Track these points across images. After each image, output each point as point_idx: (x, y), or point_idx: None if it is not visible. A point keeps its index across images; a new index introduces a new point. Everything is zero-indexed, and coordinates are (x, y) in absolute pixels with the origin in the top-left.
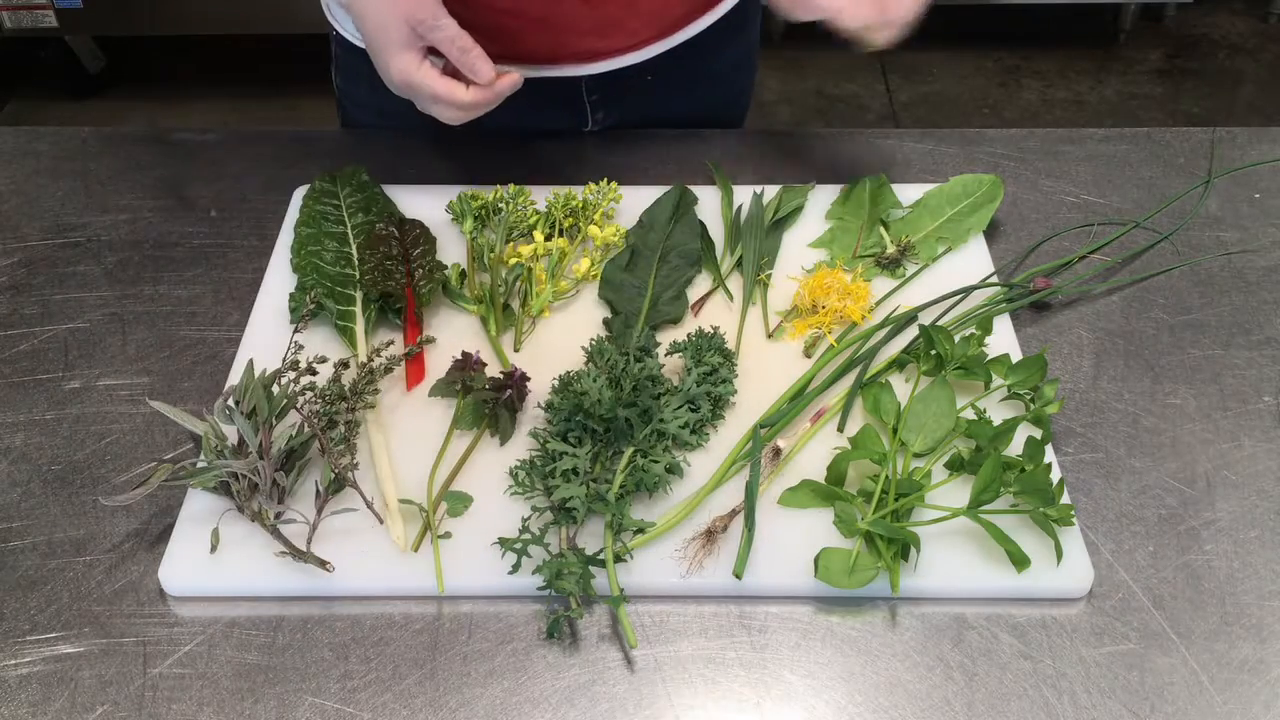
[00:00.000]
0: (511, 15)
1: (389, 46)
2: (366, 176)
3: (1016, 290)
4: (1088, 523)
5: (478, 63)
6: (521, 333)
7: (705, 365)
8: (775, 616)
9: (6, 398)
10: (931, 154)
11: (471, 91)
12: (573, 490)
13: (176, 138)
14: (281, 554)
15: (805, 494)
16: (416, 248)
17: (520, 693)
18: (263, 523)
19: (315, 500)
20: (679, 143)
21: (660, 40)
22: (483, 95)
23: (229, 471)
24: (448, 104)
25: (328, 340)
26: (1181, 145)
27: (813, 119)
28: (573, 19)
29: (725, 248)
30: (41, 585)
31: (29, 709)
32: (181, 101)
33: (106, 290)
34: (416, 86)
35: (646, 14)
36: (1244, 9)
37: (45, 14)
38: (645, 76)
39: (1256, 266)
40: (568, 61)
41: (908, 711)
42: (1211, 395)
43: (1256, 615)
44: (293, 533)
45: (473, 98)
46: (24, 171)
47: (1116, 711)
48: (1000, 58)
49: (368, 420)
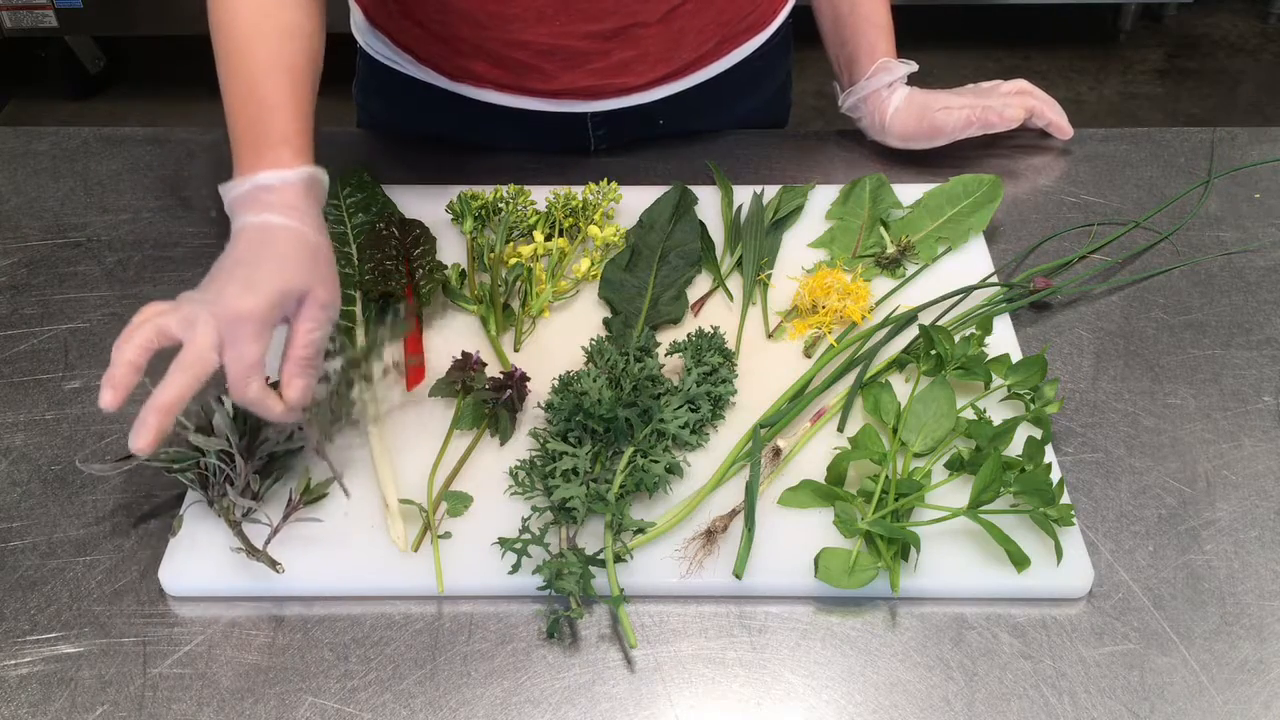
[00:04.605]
0: (519, 47)
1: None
2: (367, 176)
3: (1016, 290)
4: (1088, 523)
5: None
6: (521, 333)
7: (705, 365)
8: (775, 616)
9: (6, 398)
10: (931, 154)
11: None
12: (573, 490)
13: (176, 138)
14: (236, 550)
15: (805, 494)
16: (416, 248)
17: (520, 693)
18: (227, 518)
19: (286, 506)
20: (679, 143)
21: (668, 83)
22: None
23: (207, 464)
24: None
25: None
26: (1181, 145)
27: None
28: (580, 55)
29: (725, 248)
30: (41, 585)
31: (29, 709)
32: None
33: (106, 290)
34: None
35: (655, 56)
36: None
37: (45, 14)
38: (657, 120)
39: (1256, 266)
40: (573, 97)
41: (908, 711)
42: (1211, 395)
43: (1256, 615)
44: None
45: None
46: (24, 171)
47: (1116, 711)
48: (1000, 58)
49: (368, 420)
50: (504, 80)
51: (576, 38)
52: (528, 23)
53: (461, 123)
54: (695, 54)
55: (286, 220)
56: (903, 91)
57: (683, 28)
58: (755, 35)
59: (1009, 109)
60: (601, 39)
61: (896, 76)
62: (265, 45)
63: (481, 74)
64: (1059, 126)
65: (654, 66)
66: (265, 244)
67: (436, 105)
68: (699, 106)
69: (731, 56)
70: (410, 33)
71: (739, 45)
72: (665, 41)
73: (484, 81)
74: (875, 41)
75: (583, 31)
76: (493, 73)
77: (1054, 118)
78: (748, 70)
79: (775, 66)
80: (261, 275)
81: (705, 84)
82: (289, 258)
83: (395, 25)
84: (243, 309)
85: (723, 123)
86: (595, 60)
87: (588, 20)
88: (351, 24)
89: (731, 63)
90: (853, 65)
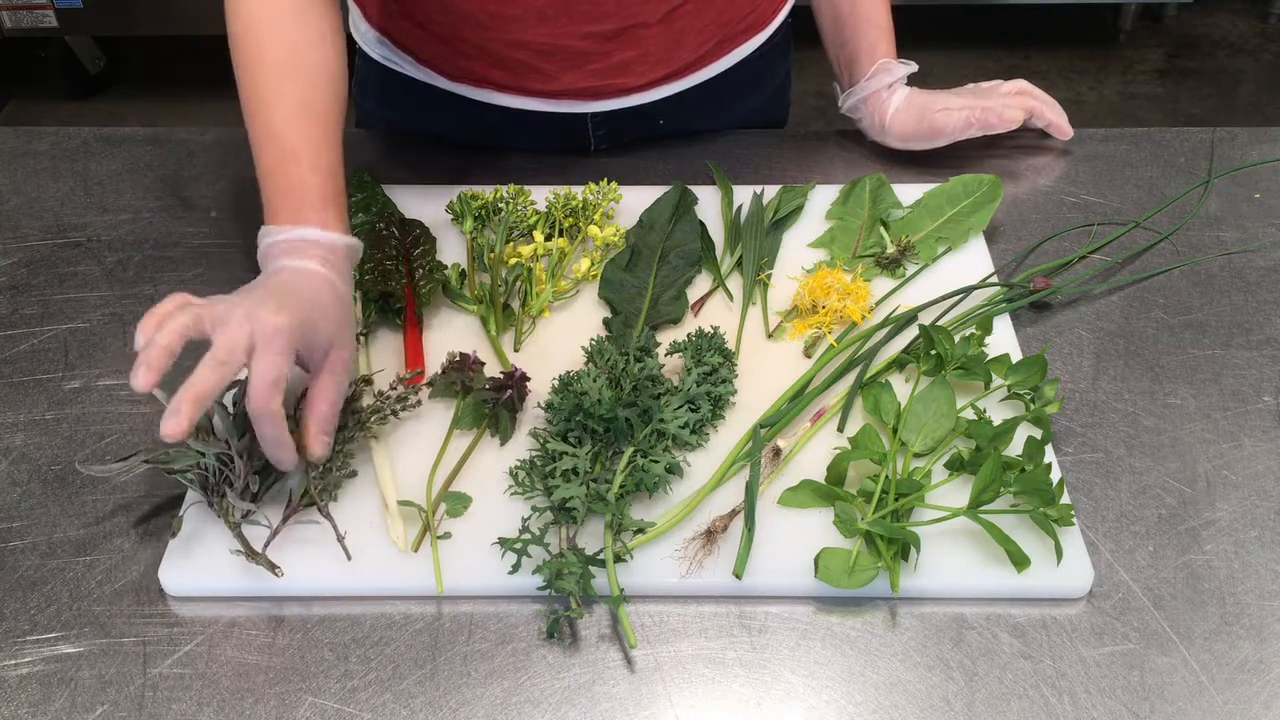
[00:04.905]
0: (520, 48)
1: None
2: (367, 177)
3: (1016, 290)
4: (1088, 523)
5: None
6: (521, 333)
7: (705, 365)
8: (775, 616)
9: (6, 398)
10: (931, 154)
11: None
12: (573, 490)
13: (176, 138)
14: (236, 552)
15: (805, 494)
16: (416, 248)
17: (520, 693)
18: (227, 519)
19: (285, 508)
20: (679, 143)
21: (668, 83)
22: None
23: (206, 465)
24: (277, 446)
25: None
26: (1181, 145)
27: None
28: (580, 55)
29: (725, 248)
30: (41, 585)
31: (29, 709)
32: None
33: (106, 290)
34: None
35: (655, 57)
36: (1244, 9)
37: (45, 14)
38: (657, 120)
39: (1256, 266)
40: (573, 97)
41: (908, 711)
42: (1211, 395)
43: (1256, 615)
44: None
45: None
46: (24, 171)
47: (1116, 711)
48: (1000, 58)
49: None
50: (504, 80)
51: (577, 38)
52: (528, 24)
53: (461, 123)
54: (695, 54)
55: (329, 273)
56: (902, 92)
57: (683, 28)
58: (755, 35)
59: (1009, 110)
60: (602, 39)
61: (896, 77)
62: (295, 87)
63: (482, 74)
64: (1059, 127)
65: (654, 67)
66: (303, 285)
67: (437, 105)
68: (699, 106)
69: (731, 56)
70: (411, 33)
71: (739, 45)
72: (665, 42)
73: (484, 82)
74: (875, 42)
75: (583, 32)
76: (493, 73)
77: (1054, 118)
78: (747, 70)
79: (775, 66)
80: (295, 304)
81: (705, 84)
82: (324, 305)
83: (396, 26)
84: (278, 322)
85: (723, 123)
86: (595, 61)
87: (588, 21)
88: (351, 25)
89: (731, 63)
90: (853, 66)
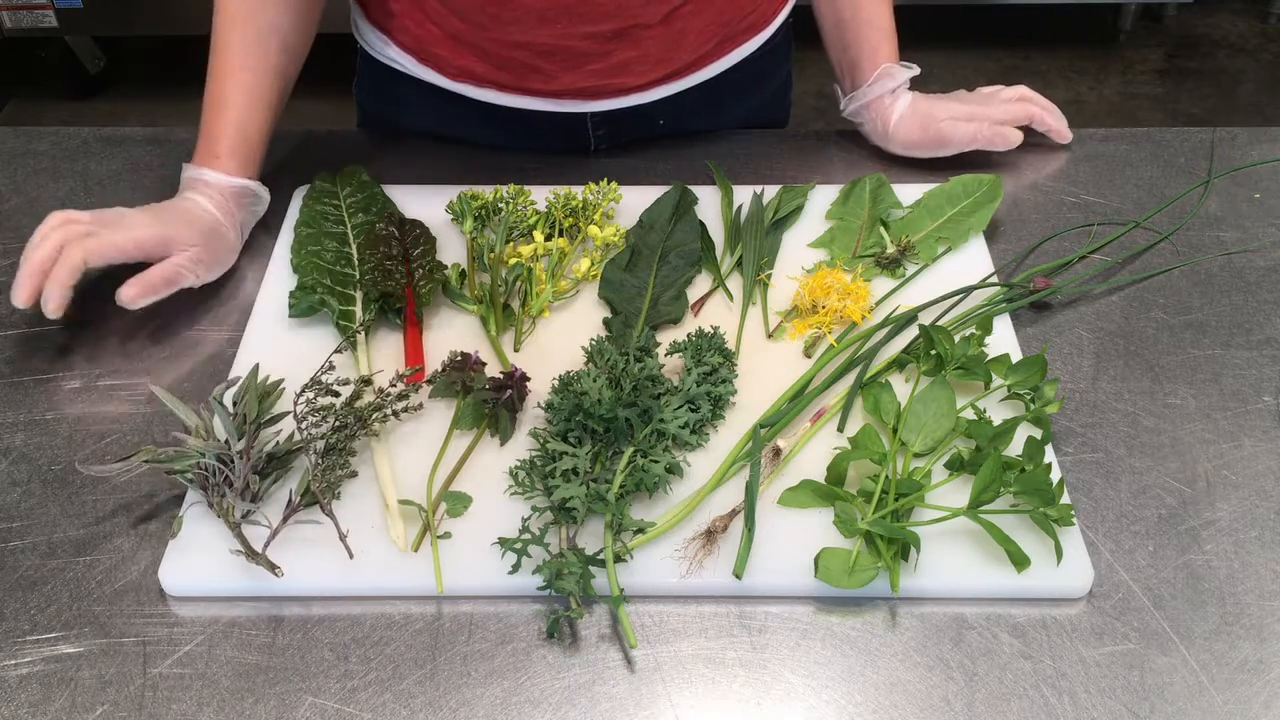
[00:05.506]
0: (520, 48)
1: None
2: (366, 176)
3: (1016, 290)
4: (1088, 523)
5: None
6: (521, 333)
7: (705, 365)
8: (775, 616)
9: (6, 398)
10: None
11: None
12: (573, 490)
13: (176, 138)
14: (236, 552)
15: (805, 494)
16: (416, 248)
17: (520, 693)
18: (227, 519)
19: (285, 508)
20: (679, 143)
21: (668, 83)
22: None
23: (206, 464)
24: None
25: (347, 351)
26: (1181, 145)
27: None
28: (581, 56)
29: (725, 248)
30: (41, 585)
31: (29, 709)
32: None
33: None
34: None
35: (655, 57)
36: (1244, 9)
37: (45, 14)
38: (657, 120)
39: (1256, 266)
40: (573, 97)
41: (908, 711)
42: (1211, 395)
43: (1256, 615)
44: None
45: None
46: (24, 171)
47: (1116, 711)
48: (1000, 58)
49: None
50: (504, 80)
51: (577, 39)
52: (529, 24)
53: (462, 123)
54: (695, 54)
55: (215, 212)
56: (906, 98)
57: (683, 28)
58: (755, 35)
59: (1013, 134)
60: (602, 40)
61: (899, 82)
62: (241, 41)
63: (482, 74)
64: (1059, 132)
65: (654, 67)
66: (191, 213)
67: (436, 105)
68: (699, 106)
69: (731, 56)
70: (411, 33)
71: (739, 45)
72: (665, 42)
73: (484, 82)
74: (878, 46)
75: (583, 32)
76: (493, 73)
77: (1054, 124)
78: (748, 70)
79: (775, 67)
80: (167, 215)
81: (705, 84)
82: (195, 223)
83: (396, 25)
84: (143, 219)
85: (723, 123)
86: (596, 61)
87: (589, 22)
88: (352, 24)
89: (731, 63)
90: (855, 70)
